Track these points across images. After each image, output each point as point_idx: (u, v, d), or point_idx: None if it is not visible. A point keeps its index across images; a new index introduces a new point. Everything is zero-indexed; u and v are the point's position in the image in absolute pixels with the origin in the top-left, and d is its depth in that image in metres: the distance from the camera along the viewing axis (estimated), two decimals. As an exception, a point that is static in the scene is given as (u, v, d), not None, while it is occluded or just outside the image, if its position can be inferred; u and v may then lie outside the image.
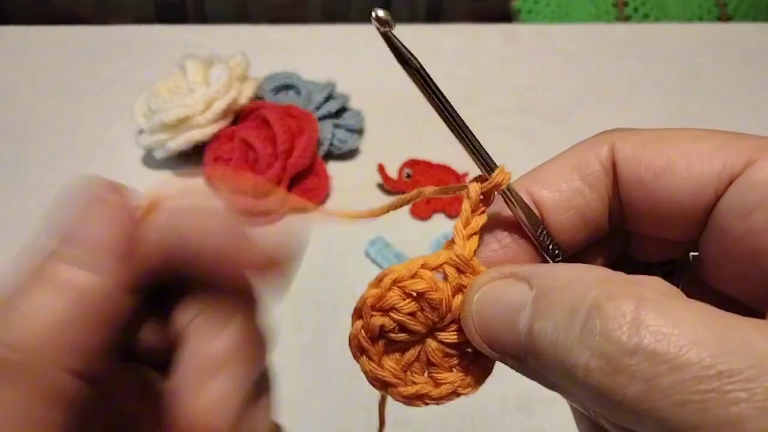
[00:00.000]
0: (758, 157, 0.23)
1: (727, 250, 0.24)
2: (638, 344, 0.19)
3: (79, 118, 0.90)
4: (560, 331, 0.20)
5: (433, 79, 0.24)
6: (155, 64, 0.93)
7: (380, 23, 0.23)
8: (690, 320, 0.19)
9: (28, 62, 0.98)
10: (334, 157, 0.85)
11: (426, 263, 0.25)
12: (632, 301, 0.20)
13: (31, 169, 0.83)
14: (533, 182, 0.26)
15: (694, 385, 0.18)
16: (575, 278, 0.21)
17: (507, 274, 0.24)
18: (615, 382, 0.19)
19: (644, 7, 1.32)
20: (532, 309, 0.22)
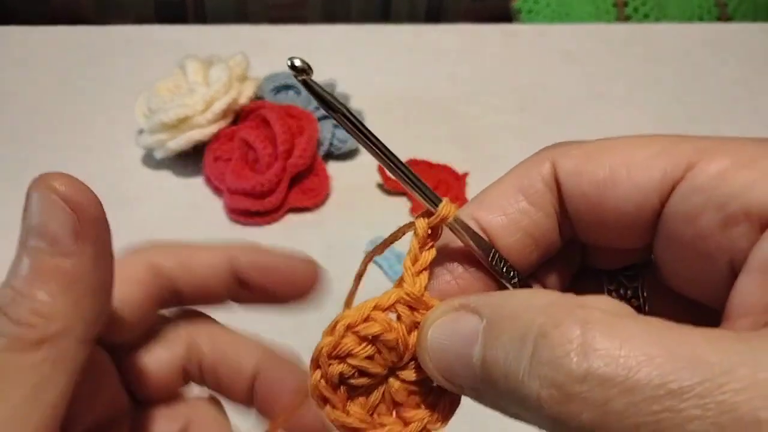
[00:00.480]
0: (698, 161, 0.23)
1: (677, 254, 0.24)
2: (587, 370, 0.18)
3: (79, 118, 0.90)
4: (511, 360, 0.20)
5: (361, 121, 0.24)
6: (155, 64, 0.93)
7: (297, 72, 0.23)
8: (639, 338, 0.19)
9: (28, 62, 0.98)
10: (334, 157, 0.85)
11: (378, 305, 0.25)
12: (578, 325, 0.19)
13: (31, 169, 0.83)
14: (479, 208, 0.26)
15: (647, 406, 0.18)
16: (523, 305, 0.21)
17: (457, 306, 0.23)
18: (569, 410, 0.19)
19: (644, 7, 1.32)
20: (483, 340, 0.22)
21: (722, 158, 0.23)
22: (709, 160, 0.23)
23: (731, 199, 0.22)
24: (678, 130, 0.27)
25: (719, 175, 0.22)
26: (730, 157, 0.23)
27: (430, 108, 0.92)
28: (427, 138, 0.86)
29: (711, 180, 0.22)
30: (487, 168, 0.31)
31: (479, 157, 0.84)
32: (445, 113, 0.92)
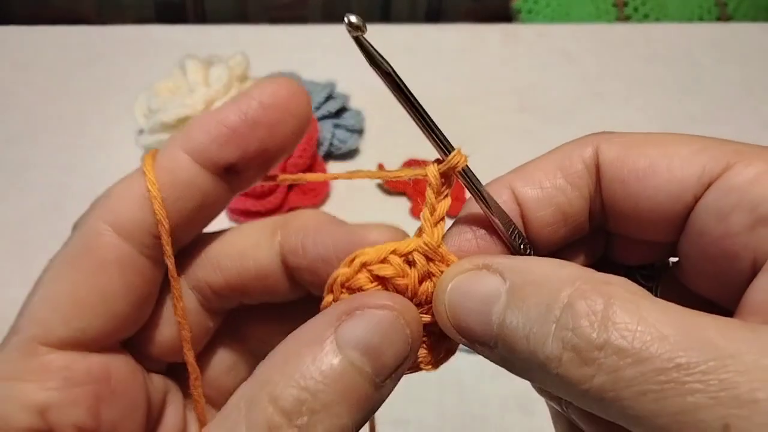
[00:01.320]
0: (736, 162, 0.24)
1: (704, 251, 0.25)
2: (606, 340, 0.20)
3: (79, 118, 0.90)
4: (534, 324, 0.22)
5: (404, 81, 0.25)
6: (155, 64, 0.93)
7: (353, 28, 0.24)
8: (654, 318, 0.20)
9: (28, 62, 0.98)
10: (334, 157, 0.85)
11: (396, 249, 0.25)
12: (602, 299, 0.21)
13: (31, 169, 0.83)
14: (517, 179, 0.27)
15: (654, 376, 0.19)
16: (549, 274, 0.23)
17: (480, 265, 0.24)
18: (583, 373, 0.21)
19: (644, 7, 1.32)
20: (507, 301, 0.23)
21: (760, 162, 0.24)
22: (747, 162, 0.24)
23: (764, 201, 0.23)
24: (678, 130, 0.27)
25: (756, 177, 0.23)
26: (764, 161, 0.24)
27: (430, 108, 0.92)
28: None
29: (747, 181, 0.23)
30: (487, 168, 0.31)
31: (479, 157, 0.84)
32: (445, 113, 0.91)
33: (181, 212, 0.26)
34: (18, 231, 0.75)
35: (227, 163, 0.26)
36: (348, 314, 0.23)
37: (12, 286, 0.79)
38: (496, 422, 0.62)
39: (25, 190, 0.80)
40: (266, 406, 0.21)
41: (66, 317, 0.25)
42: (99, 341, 0.26)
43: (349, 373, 0.22)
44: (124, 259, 0.25)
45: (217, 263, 0.28)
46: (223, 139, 0.26)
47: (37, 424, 0.23)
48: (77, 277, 0.25)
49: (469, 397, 0.63)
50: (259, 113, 0.26)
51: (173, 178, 0.26)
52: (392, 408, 0.29)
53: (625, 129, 0.29)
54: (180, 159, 0.26)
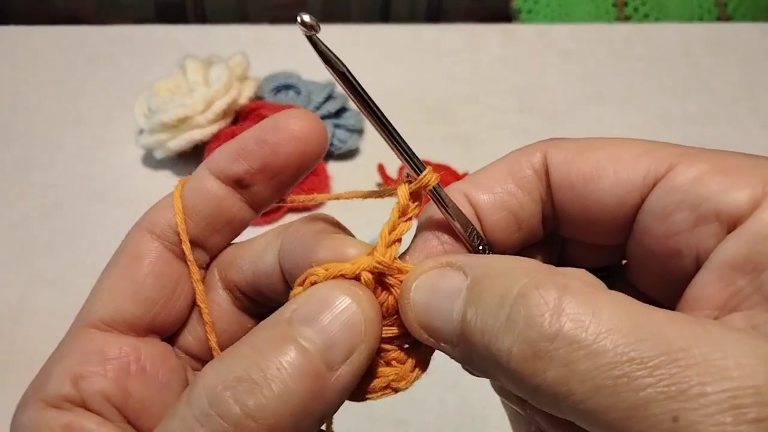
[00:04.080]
0: (678, 163, 0.25)
1: (649, 250, 0.26)
2: (558, 330, 0.20)
3: (79, 118, 0.90)
4: (488, 317, 0.22)
5: (360, 83, 0.25)
6: (155, 64, 0.93)
7: (306, 27, 0.24)
8: (608, 309, 0.20)
9: (28, 62, 0.98)
10: (334, 157, 0.85)
11: (344, 272, 0.25)
12: (556, 290, 0.21)
13: (31, 169, 0.83)
14: (470, 185, 0.28)
15: (608, 370, 0.19)
16: (507, 268, 0.23)
17: (443, 263, 0.25)
18: (535, 366, 0.20)
19: (644, 7, 1.32)
20: (466, 296, 0.23)
21: (702, 163, 0.24)
22: (689, 163, 0.24)
23: (705, 200, 0.24)
24: (678, 129, 0.27)
25: (697, 177, 0.24)
26: (709, 162, 0.24)
27: (430, 108, 0.92)
28: (427, 138, 0.86)
29: (689, 181, 0.24)
30: (487, 168, 0.31)
31: (479, 157, 0.84)
32: (445, 113, 0.92)
33: (200, 216, 0.30)
34: (18, 231, 0.75)
35: (235, 175, 0.29)
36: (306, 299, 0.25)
37: (12, 286, 0.79)
38: (496, 422, 0.61)
39: (25, 190, 0.80)
40: (210, 373, 0.23)
41: (104, 301, 0.29)
42: (133, 323, 0.29)
43: (295, 345, 0.23)
44: (153, 251, 0.29)
45: (240, 265, 0.31)
46: (233, 154, 0.29)
47: (71, 392, 0.27)
48: (116, 270, 0.29)
49: (469, 397, 0.63)
50: (267, 134, 0.29)
51: (194, 186, 0.30)
52: (392, 408, 0.29)
53: (625, 129, 0.29)
54: (202, 172, 0.30)
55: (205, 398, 0.22)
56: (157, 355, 0.29)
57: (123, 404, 0.27)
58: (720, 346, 0.19)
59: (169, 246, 0.30)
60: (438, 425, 0.61)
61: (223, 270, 0.31)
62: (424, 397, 0.63)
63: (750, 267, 0.22)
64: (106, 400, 0.27)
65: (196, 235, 0.30)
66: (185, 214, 0.29)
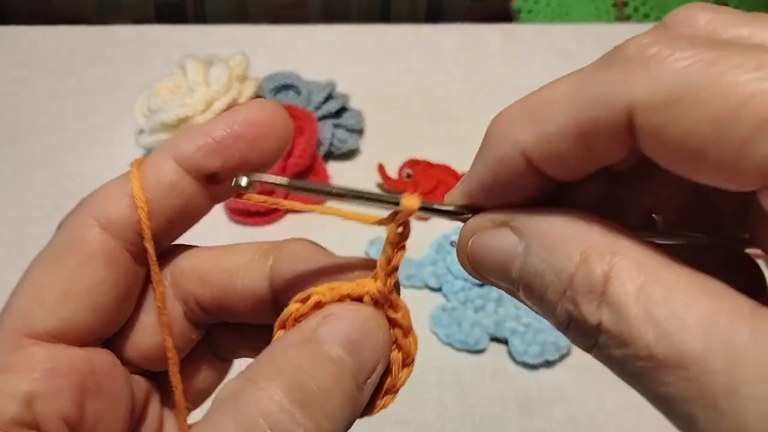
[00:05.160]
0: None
1: None
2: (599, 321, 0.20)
3: (79, 118, 0.90)
4: (546, 292, 0.22)
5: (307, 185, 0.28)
6: (155, 64, 0.93)
7: (242, 189, 0.26)
8: (653, 298, 0.19)
9: (28, 62, 0.98)
10: (334, 157, 0.85)
11: (350, 293, 0.26)
12: (603, 273, 0.20)
13: (31, 169, 0.83)
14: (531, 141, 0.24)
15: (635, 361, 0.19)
16: (561, 237, 0.22)
17: (498, 222, 0.24)
18: (585, 344, 0.21)
19: (644, 7, 1.32)
20: (522, 264, 0.23)
21: None
22: None
23: None
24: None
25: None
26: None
27: (430, 108, 0.92)
28: (427, 138, 0.86)
29: None
30: (487, 168, 0.31)
31: (479, 157, 0.84)
32: (445, 113, 0.92)
33: (164, 212, 0.27)
34: (18, 231, 0.75)
35: (210, 170, 0.27)
36: (325, 319, 0.25)
37: (12, 285, 0.79)
38: (496, 422, 0.61)
39: (25, 190, 0.80)
40: (256, 395, 0.22)
41: (51, 308, 0.25)
42: (83, 334, 0.26)
43: (333, 365, 0.23)
44: (110, 253, 0.26)
45: (206, 278, 0.29)
46: (208, 148, 0.27)
47: (24, 414, 0.24)
48: (63, 270, 0.26)
49: (469, 397, 0.63)
50: (243, 128, 0.27)
51: (158, 179, 0.27)
52: (392, 408, 0.29)
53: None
54: (167, 163, 0.27)
55: (267, 426, 0.22)
56: (108, 366, 0.27)
57: (78, 424, 0.25)
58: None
59: (125, 245, 0.27)
60: (438, 425, 0.61)
61: (180, 279, 0.29)
62: (424, 397, 0.63)
63: None
64: (64, 421, 0.25)
65: (153, 232, 0.27)
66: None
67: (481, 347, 0.65)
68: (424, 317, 0.67)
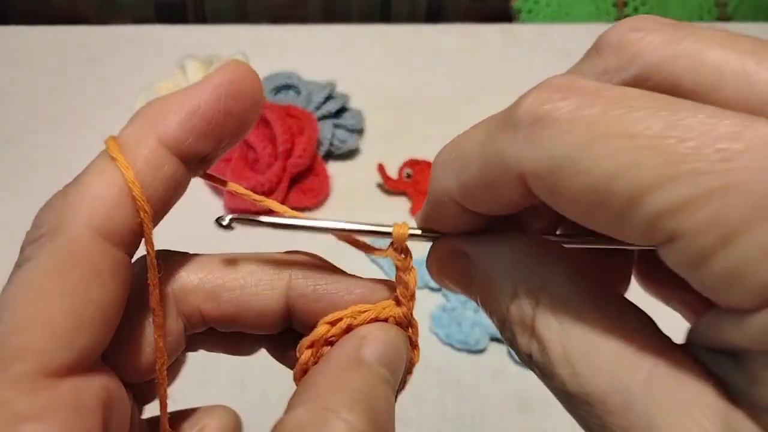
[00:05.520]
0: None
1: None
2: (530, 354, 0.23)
3: (79, 118, 0.90)
4: (493, 314, 0.25)
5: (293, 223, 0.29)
6: (155, 64, 0.93)
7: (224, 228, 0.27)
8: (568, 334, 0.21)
9: (28, 62, 0.98)
10: (334, 157, 0.85)
11: (378, 317, 0.28)
12: (531, 308, 0.23)
13: (31, 169, 0.83)
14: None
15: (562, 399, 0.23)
16: (500, 272, 0.24)
17: (456, 249, 0.27)
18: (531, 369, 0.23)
19: (644, 7, 1.32)
20: (477, 289, 0.26)
21: None
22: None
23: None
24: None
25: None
26: None
27: (430, 108, 0.92)
28: (427, 138, 0.86)
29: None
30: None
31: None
32: (445, 113, 0.92)
33: (158, 205, 0.24)
34: (18, 231, 0.74)
35: (203, 155, 0.25)
36: (363, 339, 0.26)
37: (12, 286, 0.79)
38: (496, 422, 0.61)
39: (25, 190, 0.80)
40: (339, 425, 0.22)
41: (67, 341, 0.22)
42: (95, 357, 0.23)
43: (385, 386, 0.25)
44: (116, 265, 0.23)
45: (216, 295, 0.27)
46: (199, 130, 0.24)
47: None
48: (70, 293, 0.22)
49: (469, 397, 0.63)
50: (232, 103, 0.25)
51: (154, 174, 0.24)
52: (392, 408, 0.29)
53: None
54: (158, 151, 0.24)
55: None
56: (120, 390, 0.24)
57: None
58: None
59: (127, 250, 0.24)
60: (438, 425, 0.61)
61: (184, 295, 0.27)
62: (424, 397, 0.63)
63: None
64: None
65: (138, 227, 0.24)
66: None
67: (481, 347, 0.65)
68: (424, 317, 0.67)
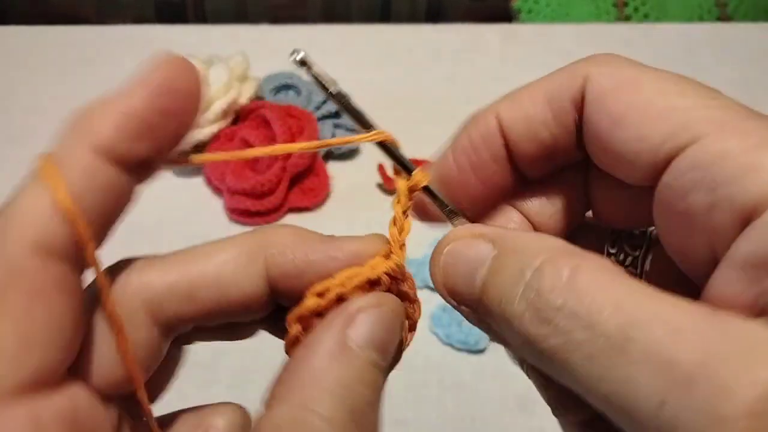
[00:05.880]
0: (708, 134, 0.22)
1: (670, 222, 0.25)
2: (564, 303, 0.21)
3: (79, 118, 0.90)
4: (507, 286, 0.23)
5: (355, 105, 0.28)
6: (155, 64, 0.93)
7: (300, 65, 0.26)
8: (615, 290, 0.21)
9: (28, 62, 0.98)
10: (334, 157, 0.85)
11: (370, 278, 0.26)
12: (570, 267, 0.22)
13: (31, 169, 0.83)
14: (505, 108, 0.29)
15: (602, 342, 0.20)
16: (531, 244, 0.24)
17: (476, 234, 0.26)
18: (540, 332, 0.22)
19: (644, 7, 1.32)
20: (490, 266, 0.25)
21: (731, 138, 0.22)
22: (716, 136, 0.22)
23: (723, 184, 0.22)
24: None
25: (721, 155, 0.22)
26: (738, 138, 0.22)
27: (430, 108, 0.92)
28: (427, 138, 0.86)
29: (710, 159, 0.22)
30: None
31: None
32: (445, 113, 0.92)
33: (99, 216, 0.23)
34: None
35: (139, 158, 0.23)
36: (351, 319, 0.25)
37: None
38: (496, 422, 0.62)
39: (25, 190, 0.80)
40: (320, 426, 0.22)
41: (16, 362, 0.21)
42: (55, 375, 0.22)
43: (372, 373, 0.24)
44: (61, 280, 0.22)
45: (191, 295, 0.25)
46: (134, 133, 0.23)
47: None
48: (12, 313, 0.21)
49: (469, 397, 0.63)
50: (166, 100, 0.23)
51: (88, 184, 0.23)
52: (392, 408, 0.29)
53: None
54: (85, 156, 0.23)
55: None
56: (89, 406, 0.24)
57: None
58: (724, 336, 0.19)
59: (71, 265, 0.22)
60: (437, 425, 0.61)
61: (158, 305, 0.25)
62: (424, 397, 0.63)
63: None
64: None
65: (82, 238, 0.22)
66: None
67: (481, 347, 0.65)
68: (424, 317, 0.67)
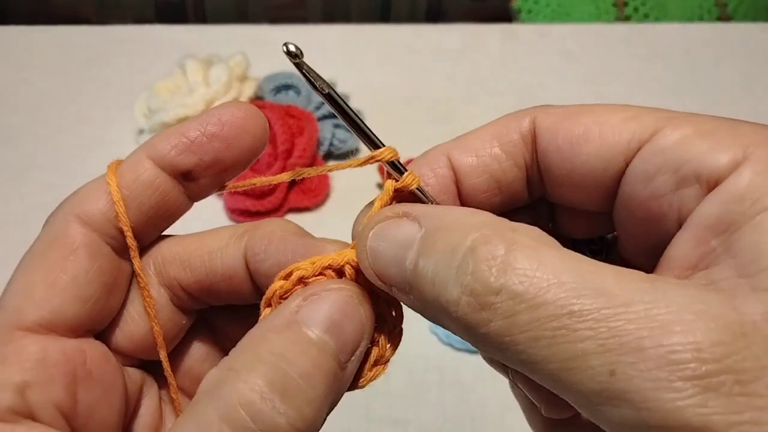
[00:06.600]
0: (664, 126, 0.24)
1: (634, 215, 0.26)
2: (503, 284, 0.21)
3: (79, 118, 0.90)
4: (439, 268, 0.23)
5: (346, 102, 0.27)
6: (155, 64, 0.93)
7: (291, 56, 0.26)
8: (553, 265, 0.21)
9: (28, 62, 0.98)
10: (334, 157, 0.85)
11: (331, 264, 0.27)
12: (504, 245, 0.22)
13: (31, 169, 0.83)
14: (454, 147, 0.29)
15: (547, 322, 0.20)
16: (459, 221, 0.24)
17: (400, 213, 0.26)
18: (481, 317, 0.21)
19: (644, 7, 1.32)
20: (419, 247, 0.24)
21: (686, 126, 0.24)
22: (674, 126, 0.24)
23: (686, 162, 0.23)
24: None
25: (680, 140, 0.24)
26: (693, 126, 0.24)
27: (430, 108, 0.92)
28: (427, 138, 0.86)
29: (672, 144, 0.24)
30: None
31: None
32: (445, 113, 0.92)
33: (141, 208, 0.28)
34: (18, 231, 0.75)
35: (185, 168, 0.28)
36: (306, 300, 0.25)
37: (12, 286, 0.79)
38: (496, 422, 0.62)
39: (25, 190, 0.80)
40: (237, 386, 0.22)
41: (39, 301, 0.26)
42: (73, 325, 0.27)
43: (315, 349, 0.24)
44: (91, 245, 0.27)
45: (188, 263, 0.30)
46: (182, 147, 0.29)
47: (18, 403, 0.24)
48: (48, 264, 0.27)
49: (469, 397, 0.63)
50: (216, 128, 0.28)
51: (135, 177, 0.28)
52: (392, 408, 0.29)
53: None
54: (143, 162, 0.29)
55: (247, 416, 0.22)
56: (100, 356, 0.28)
57: (72, 412, 0.26)
58: (665, 302, 0.20)
59: (106, 238, 0.28)
60: (437, 425, 0.61)
61: (163, 266, 0.30)
62: (424, 397, 0.63)
63: (722, 227, 0.22)
64: (57, 409, 0.25)
65: (133, 227, 0.28)
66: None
67: (481, 347, 0.65)
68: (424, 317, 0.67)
